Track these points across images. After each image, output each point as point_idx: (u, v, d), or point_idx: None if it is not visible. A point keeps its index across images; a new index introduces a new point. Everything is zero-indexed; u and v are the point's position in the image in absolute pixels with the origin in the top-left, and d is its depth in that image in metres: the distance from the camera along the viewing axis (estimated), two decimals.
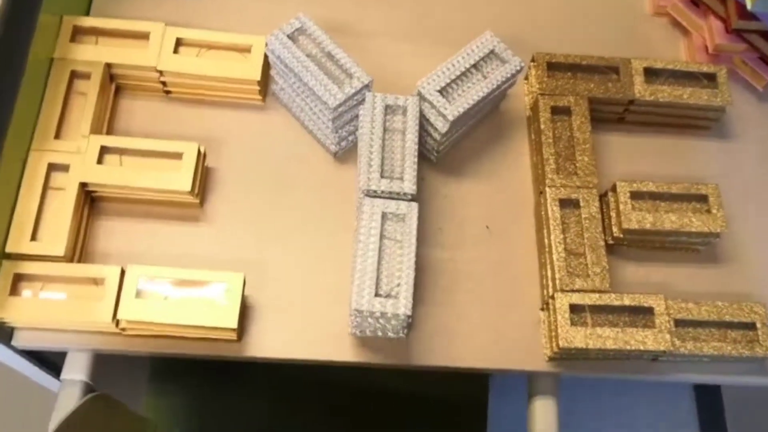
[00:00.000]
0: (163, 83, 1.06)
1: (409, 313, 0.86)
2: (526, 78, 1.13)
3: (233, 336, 0.93)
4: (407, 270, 0.88)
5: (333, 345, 0.96)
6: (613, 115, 1.10)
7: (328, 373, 1.16)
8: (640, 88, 1.05)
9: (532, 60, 1.09)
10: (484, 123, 1.11)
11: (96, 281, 0.92)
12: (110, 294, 0.90)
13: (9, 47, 0.90)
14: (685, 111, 1.09)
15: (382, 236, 0.91)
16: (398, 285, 0.88)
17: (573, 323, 0.92)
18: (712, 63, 1.11)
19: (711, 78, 1.08)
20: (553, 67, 1.07)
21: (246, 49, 1.06)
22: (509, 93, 1.12)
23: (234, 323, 0.89)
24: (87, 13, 1.12)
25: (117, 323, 0.90)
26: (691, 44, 1.17)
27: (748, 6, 1.04)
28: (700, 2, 1.15)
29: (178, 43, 1.05)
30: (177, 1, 1.17)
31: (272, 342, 0.95)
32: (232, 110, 1.09)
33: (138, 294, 0.90)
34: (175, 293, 0.92)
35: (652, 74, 1.08)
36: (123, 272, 0.91)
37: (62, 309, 0.89)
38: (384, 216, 0.91)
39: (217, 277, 0.92)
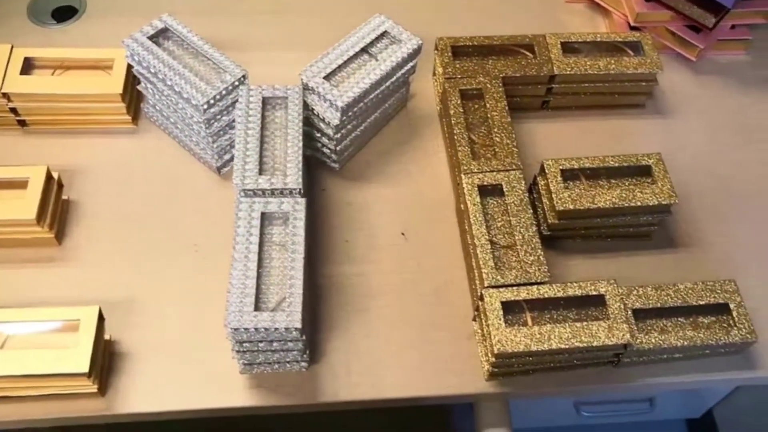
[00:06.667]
0: (14, 111, 0.91)
1: (298, 325, 0.68)
2: (434, 73, 1.00)
3: (92, 387, 0.74)
4: (297, 277, 0.71)
5: (220, 389, 0.77)
6: (535, 100, 0.97)
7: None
8: (559, 63, 0.93)
9: (435, 48, 0.97)
10: (392, 125, 0.97)
11: None
12: None
13: None
14: (614, 86, 0.96)
15: (263, 241, 0.75)
16: (288, 296, 0.71)
17: (509, 324, 0.75)
18: None
19: (635, 48, 0.97)
20: (460, 51, 0.95)
21: (108, 65, 0.93)
22: (418, 91, 0.99)
23: (85, 366, 0.71)
24: None
25: None
26: (612, 23, 1.06)
27: None
28: None
29: (30, 65, 0.92)
30: (43, 30, 1.05)
31: (145, 394, 0.76)
32: (99, 137, 0.94)
33: None
34: (13, 342, 0.73)
35: (570, 51, 0.96)
36: None
37: None
38: (265, 218, 0.76)
39: (64, 314, 0.74)
